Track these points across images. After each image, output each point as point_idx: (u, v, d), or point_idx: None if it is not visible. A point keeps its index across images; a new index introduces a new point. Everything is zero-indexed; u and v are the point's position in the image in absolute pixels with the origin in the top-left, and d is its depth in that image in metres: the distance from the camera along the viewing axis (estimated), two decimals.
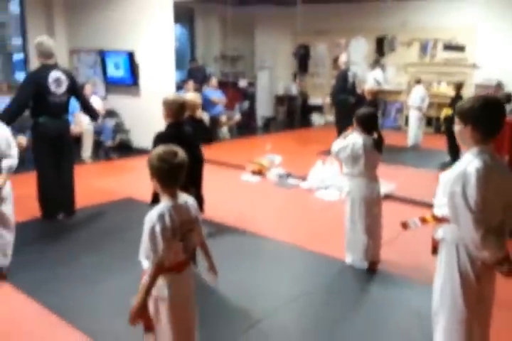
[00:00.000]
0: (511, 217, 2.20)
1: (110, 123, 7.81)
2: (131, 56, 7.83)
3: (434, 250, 2.34)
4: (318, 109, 11.40)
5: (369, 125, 3.69)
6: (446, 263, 2.27)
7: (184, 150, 2.72)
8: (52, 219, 4.83)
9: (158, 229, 2.13)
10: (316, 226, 4.75)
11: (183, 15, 11.14)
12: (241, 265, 3.91)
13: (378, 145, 3.70)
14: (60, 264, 3.84)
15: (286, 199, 5.80)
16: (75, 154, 6.16)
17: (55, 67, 4.73)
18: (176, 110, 3.69)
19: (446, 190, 2.15)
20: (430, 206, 3.78)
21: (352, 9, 10.01)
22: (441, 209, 2.25)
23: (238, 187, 6.28)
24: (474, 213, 2.05)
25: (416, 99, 8.62)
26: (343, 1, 9.75)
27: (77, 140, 7.16)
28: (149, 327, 2.23)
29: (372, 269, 3.75)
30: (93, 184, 6.04)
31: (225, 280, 3.50)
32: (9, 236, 3.61)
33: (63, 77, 4.70)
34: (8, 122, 4.56)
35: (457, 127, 2.21)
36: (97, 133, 7.57)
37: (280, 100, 11.82)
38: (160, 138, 3.65)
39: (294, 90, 11.52)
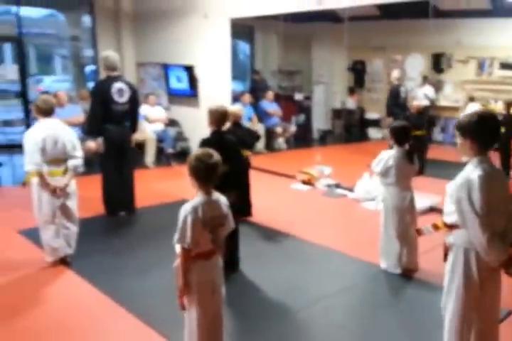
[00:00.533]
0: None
1: (172, 131, 8.27)
2: (191, 70, 8.29)
3: (446, 256, 2.50)
4: (375, 123, 11.44)
5: (401, 137, 3.86)
6: (454, 264, 2.42)
7: (225, 154, 3.00)
8: (114, 216, 5.22)
9: (189, 219, 2.40)
10: (358, 234, 4.89)
11: (244, 32, 11.61)
12: (285, 266, 4.12)
13: (410, 156, 3.84)
14: (117, 255, 4.21)
15: (332, 208, 5.96)
16: (138, 160, 6.60)
17: (118, 78, 5.17)
18: (218, 118, 3.92)
19: (453, 198, 2.31)
20: None
21: (408, 26, 10.04)
22: (450, 216, 2.42)
23: (288, 194, 6.49)
24: (480, 216, 2.21)
25: None
26: (398, 18, 9.81)
27: (141, 147, 7.67)
28: (184, 307, 2.50)
29: (406, 275, 3.86)
30: (153, 187, 6.45)
31: (270, 278, 3.84)
32: (73, 228, 4.02)
33: (125, 88, 5.12)
34: (97, 133, 5.14)
35: (458, 140, 2.39)
36: (160, 140, 8.01)
37: (337, 114, 11.96)
38: (204, 144, 3.94)
39: (351, 104, 11.65)
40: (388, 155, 3.82)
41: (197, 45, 8.29)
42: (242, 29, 11.45)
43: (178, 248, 2.46)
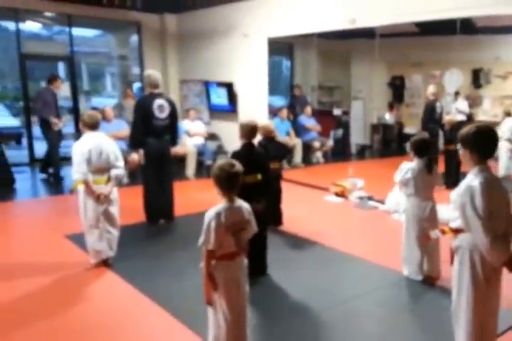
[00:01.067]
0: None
1: (212, 145, 8.60)
2: (230, 86, 8.66)
3: (452, 259, 2.66)
4: None
5: (420, 149, 4.00)
6: (460, 266, 2.57)
7: (254, 166, 3.20)
8: (154, 224, 5.53)
9: (213, 224, 2.63)
10: (384, 243, 5.00)
11: (284, 48, 11.96)
12: (310, 271, 4.30)
13: (430, 167, 3.96)
14: (155, 259, 4.49)
15: (362, 219, 6.09)
16: (179, 172, 6.86)
17: (160, 95, 5.48)
18: (248, 132, 4.16)
19: (457, 204, 2.49)
20: None
21: (446, 42, 9.97)
22: (455, 221, 2.58)
23: (320, 206, 6.66)
24: (482, 220, 2.38)
25: (506, 131, 8.38)
26: (437, 34, 9.87)
27: (183, 159, 8.02)
28: (209, 302, 2.72)
29: (429, 283, 3.97)
30: (193, 197, 6.74)
31: (295, 282, 4.05)
32: (115, 233, 4.34)
33: (166, 104, 5.44)
34: (138, 145, 5.44)
35: (460, 151, 2.57)
36: (200, 153, 8.33)
37: (375, 128, 12.03)
38: (234, 155, 4.16)
39: (389, 119, 11.71)
40: (408, 167, 3.98)
41: (236, 62, 8.68)
42: (283, 46, 11.83)
43: (203, 250, 2.69)
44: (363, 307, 3.64)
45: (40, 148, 9.41)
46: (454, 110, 9.78)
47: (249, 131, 4.18)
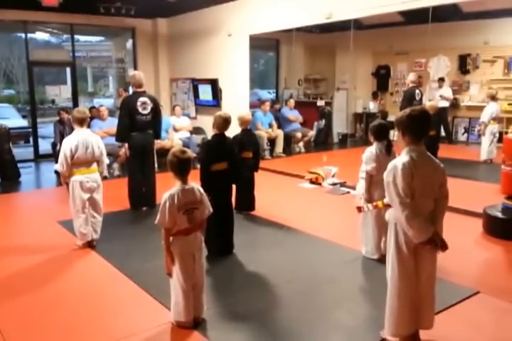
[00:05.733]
0: (441, 199, 2.62)
1: (198, 138, 8.93)
2: (215, 82, 8.98)
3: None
4: None
5: (379, 134, 4.15)
6: (389, 238, 2.74)
7: (224, 154, 3.40)
8: (137, 210, 5.87)
9: (167, 204, 2.93)
10: (347, 225, 5.15)
11: (271, 44, 12.20)
12: (273, 250, 4.53)
13: (389, 149, 4.12)
14: (134, 240, 4.83)
15: (333, 204, 6.29)
16: (165, 164, 7.12)
17: (143, 93, 5.81)
18: (220, 123, 4.35)
19: (385, 182, 2.61)
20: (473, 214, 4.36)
21: (432, 29, 9.65)
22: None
23: (293, 192, 6.90)
24: (400, 198, 2.50)
25: (485, 115, 8.46)
26: (421, 22, 9.47)
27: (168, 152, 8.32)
28: (169, 273, 3.06)
29: (385, 261, 4.18)
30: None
31: (257, 260, 4.29)
32: (99, 218, 4.70)
33: (148, 101, 5.76)
34: (124, 140, 5.76)
35: (395, 133, 2.70)
36: (186, 146, 8.54)
37: (358, 117, 12.26)
38: (205, 144, 4.46)
39: (373, 108, 11.90)
40: (369, 149, 4.15)
41: (221, 60, 9.01)
42: (270, 42, 12.07)
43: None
44: (316, 283, 3.81)
45: (43, 144, 9.91)
46: (438, 97, 9.91)
47: (221, 122, 4.37)
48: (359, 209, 3.50)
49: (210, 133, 9.22)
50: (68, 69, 10.64)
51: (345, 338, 3.01)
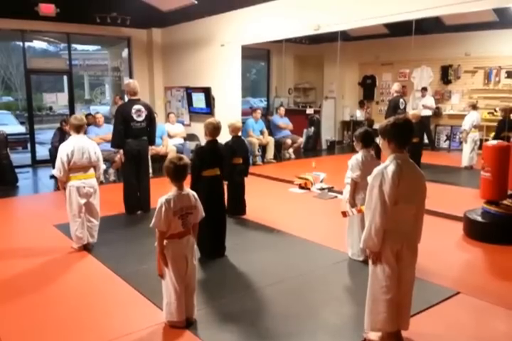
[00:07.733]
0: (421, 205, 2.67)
1: (192, 145, 8.96)
2: (208, 91, 9.04)
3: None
4: None
5: (366, 140, 4.19)
6: None
7: (216, 160, 3.42)
8: (132, 215, 5.88)
9: (163, 209, 2.96)
10: (338, 229, 4.98)
11: (262, 54, 12.31)
12: (262, 253, 4.58)
13: (378, 153, 4.14)
14: (129, 244, 4.84)
15: (321, 208, 6.34)
16: (160, 169, 7.16)
17: (137, 101, 5.83)
18: (211, 130, 4.38)
19: (368, 186, 2.63)
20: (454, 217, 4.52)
21: (416, 41, 9.72)
22: None
23: (283, 197, 6.95)
24: (383, 203, 2.52)
25: (466, 123, 8.54)
26: (405, 34, 9.56)
27: (164, 158, 8.34)
28: (161, 275, 3.09)
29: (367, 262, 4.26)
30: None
31: (247, 262, 4.32)
32: (95, 222, 4.71)
33: (143, 109, 5.78)
34: (119, 146, 5.77)
35: (380, 141, 2.76)
36: (180, 152, 8.54)
37: (346, 125, 12.40)
38: (199, 151, 4.49)
39: (360, 116, 12.05)
40: (356, 156, 4.18)
41: (214, 69, 9.06)
42: (262, 52, 12.17)
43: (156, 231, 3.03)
44: (304, 283, 3.86)
45: (41, 150, 9.89)
46: (421, 106, 10.04)
47: (212, 129, 4.39)
48: (344, 213, 3.56)
49: (203, 139, 9.34)
50: (65, 77, 10.70)
51: (333, 336, 3.05)
